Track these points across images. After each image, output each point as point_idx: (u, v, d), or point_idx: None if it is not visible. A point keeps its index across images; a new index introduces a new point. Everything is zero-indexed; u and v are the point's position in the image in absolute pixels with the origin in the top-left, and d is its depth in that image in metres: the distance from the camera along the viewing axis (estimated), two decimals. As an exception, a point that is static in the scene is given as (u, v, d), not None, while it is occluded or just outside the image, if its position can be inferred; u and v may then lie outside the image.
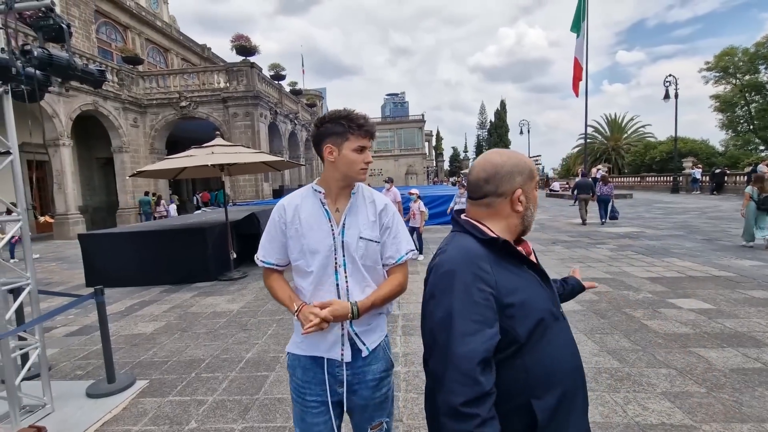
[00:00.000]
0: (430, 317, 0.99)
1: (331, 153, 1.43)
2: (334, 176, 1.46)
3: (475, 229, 1.05)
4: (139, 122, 18.25)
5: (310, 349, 1.47)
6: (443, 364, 0.91)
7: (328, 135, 1.44)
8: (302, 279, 1.49)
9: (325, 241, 1.45)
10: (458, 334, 0.90)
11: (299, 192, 1.55)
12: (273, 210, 1.53)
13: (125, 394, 3.31)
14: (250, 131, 18.29)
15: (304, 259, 1.46)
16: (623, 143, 46.72)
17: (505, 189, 1.07)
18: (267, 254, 1.54)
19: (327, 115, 1.47)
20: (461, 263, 0.97)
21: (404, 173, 50.10)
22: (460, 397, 0.86)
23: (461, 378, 0.87)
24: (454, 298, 0.93)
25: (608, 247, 8.56)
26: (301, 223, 1.46)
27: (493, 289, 0.94)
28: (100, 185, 19.54)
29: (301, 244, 1.45)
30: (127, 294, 6.54)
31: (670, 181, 25.50)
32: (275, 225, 1.50)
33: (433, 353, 0.96)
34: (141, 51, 21.35)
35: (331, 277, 1.45)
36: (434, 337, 0.96)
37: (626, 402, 2.79)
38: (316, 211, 1.47)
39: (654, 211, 15.43)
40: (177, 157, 6.53)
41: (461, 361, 0.88)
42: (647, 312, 4.56)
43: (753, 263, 6.54)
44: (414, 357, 3.70)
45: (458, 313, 0.91)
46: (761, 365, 3.22)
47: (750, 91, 39.42)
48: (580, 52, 25.53)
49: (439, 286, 0.98)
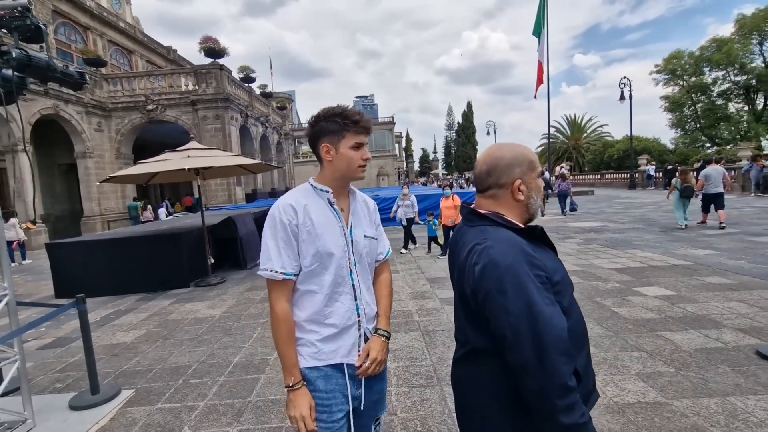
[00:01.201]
0: (505, 314, 0.98)
1: (329, 152, 1.39)
2: (334, 175, 1.42)
3: (506, 220, 1.13)
4: (103, 126, 17.51)
5: (329, 357, 1.39)
6: (538, 351, 0.94)
7: (324, 134, 1.39)
8: (316, 284, 1.39)
9: (339, 242, 1.40)
10: (545, 320, 0.95)
11: (299, 192, 1.44)
12: (274, 213, 1.37)
13: (111, 404, 3.23)
14: (221, 134, 17.92)
15: (320, 263, 1.37)
16: (583, 142, 48.88)
17: (506, 180, 1.14)
18: (286, 263, 1.35)
19: (321, 113, 1.41)
20: (516, 255, 1.01)
21: (376, 175, 50.27)
22: (566, 374, 0.93)
23: (563, 357, 0.94)
24: (527, 288, 0.97)
25: (575, 241, 8.96)
26: (314, 225, 1.37)
27: (545, 272, 1.03)
28: (63, 192, 18.59)
29: (316, 247, 1.36)
30: (100, 304, 6.31)
31: (627, 177, 26.79)
32: (286, 228, 1.35)
33: (522, 346, 0.96)
34: (104, 53, 20.49)
35: (347, 278, 1.42)
36: (518, 331, 0.96)
37: (605, 384, 2.99)
38: (325, 211, 1.41)
39: (615, 206, 16.22)
40: (151, 162, 6.37)
41: (558, 342, 0.94)
42: (616, 300, 4.85)
43: (707, 252, 7.03)
44: (402, 352, 3.79)
45: (537, 301, 0.96)
46: (721, 344, 3.52)
47: (696, 91, 42.18)
48: (543, 55, 26.50)
49: (507, 282, 0.99)
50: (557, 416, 0.93)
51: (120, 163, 17.75)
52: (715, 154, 30.58)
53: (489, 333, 1.05)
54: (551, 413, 0.94)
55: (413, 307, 5.10)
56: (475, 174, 1.21)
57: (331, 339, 1.39)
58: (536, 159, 1.19)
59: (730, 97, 41.64)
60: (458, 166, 65.12)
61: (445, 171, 72.17)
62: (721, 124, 41.68)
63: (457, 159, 68.04)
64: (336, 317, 1.40)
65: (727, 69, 40.15)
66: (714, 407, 2.62)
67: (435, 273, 6.87)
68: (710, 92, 41.79)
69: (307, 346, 1.39)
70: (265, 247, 1.37)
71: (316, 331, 1.38)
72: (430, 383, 3.20)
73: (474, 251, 1.08)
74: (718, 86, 41.54)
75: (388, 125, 53.41)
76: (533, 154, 1.19)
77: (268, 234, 1.38)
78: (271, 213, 1.39)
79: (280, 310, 1.36)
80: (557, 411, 0.93)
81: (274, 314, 1.37)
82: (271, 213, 1.40)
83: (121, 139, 17.96)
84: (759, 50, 39.37)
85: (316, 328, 1.39)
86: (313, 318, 1.39)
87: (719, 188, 9.37)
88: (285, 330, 1.36)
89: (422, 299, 5.43)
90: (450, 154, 73.25)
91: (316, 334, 1.38)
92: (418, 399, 2.99)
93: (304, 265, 1.37)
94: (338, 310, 1.40)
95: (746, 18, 38.60)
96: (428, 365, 3.51)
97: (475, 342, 1.13)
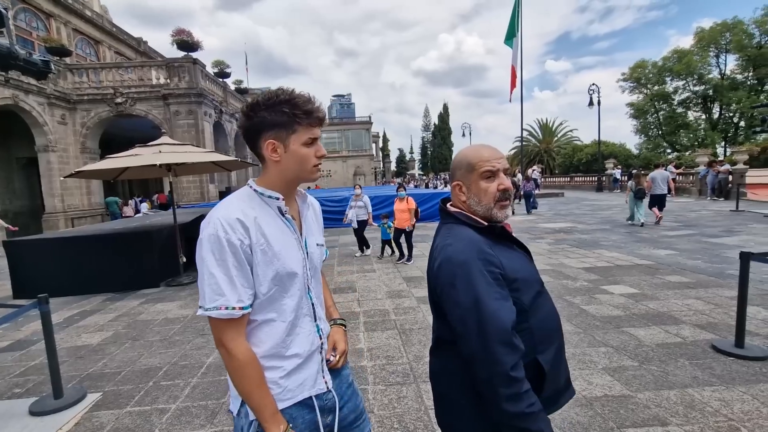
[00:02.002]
0: (455, 306, 1.07)
1: (275, 150, 1.14)
2: (283, 177, 1.18)
3: (469, 219, 1.19)
4: (67, 119, 16.69)
5: (296, 394, 1.18)
6: (482, 342, 1.01)
7: (266, 127, 1.12)
8: (275, 312, 1.15)
9: (299, 258, 1.19)
10: (489, 313, 1.01)
11: (242, 201, 1.15)
12: (217, 233, 1.05)
13: (76, 408, 3.11)
14: (193, 130, 17.42)
15: (280, 286, 1.14)
16: (554, 146, 50.54)
17: (452, 181, 1.26)
18: (243, 294, 1.08)
19: (261, 99, 1.14)
20: (470, 252, 1.08)
21: (352, 174, 50.16)
22: (508, 363, 0.99)
23: (503, 348, 1.00)
24: (476, 283, 1.04)
25: (546, 242, 9.24)
26: (269, 243, 1.12)
27: (500, 269, 1.08)
28: (22, 188, 17.62)
29: (275, 269, 1.12)
30: (63, 304, 6.03)
31: (595, 180, 27.80)
32: (237, 251, 1.06)
33: (469, 337, 1.04)
34: (68, 42, 19.50)
35: (305, 297, 1.22)
36: (465, 323, 1.05)
37: (574, 379, 3.10)
38: (278, 222, 1.17)
39: (583, 208, 16.81)
40: (120, 157, 6.13)
41: (500, 334, 1.00)
42: (585, 298, 5.04)
43: (668, 252, 7.41)
44: (378, 351, 3.81)
45: (483, 296, 1.03)
46: (680, 339, 3.72)
47: (658, 100, 44.50)
48: (516, 60, 27.22)
49: (459, 277, 1.07)
50: (502, 404, 1.00)
51: (85, 158, 16.97)
52: (665, 159, 32.24)
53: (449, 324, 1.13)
54: (497, 401, 1.00)
55: (390, 306, 5.14)
56: None
57: (296, 372, 1.18)
58: (478, 160, 1.18)
59: (689, 105, 44.06)
60: (434, 167, 65.80)
61: (422, 172, 72.80)
62: (680, 131, 44.02)
63: (433, 160, 68.72)
64: (298, 345, 1.18)
65: (686, 79, 42.45)
66: (674, 399, 2.77)
67: (411, 272, 6.93)
68: (671, 101, 44.15)
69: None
70: (210, 279, 1.05)
71: (277, 367, 1.15)
72: (407, 381, 3.24)
73: (437, 248, 1.18)
74: (678, 95, 43.94)
75: (365, 125, 53.38)
76: (477, 156, 1.18)
77: (210, 261, 1.05)
78: (212, 233, 1.06)
79: (242, 353, 1.08)
80: (502, 399, 0.99)
81: (235, 361, 1.07)
82: (210, 233, 1.06)
83: (86, 132, 17.17)
84: (716, 62, 41.78)
85: (278, 363, 1.15)
86: (273, 352, 1.15)
87: (662, 190, 10.83)
88: (255, 375, 1.10)
89: (398, 298, 5.47)
90: (426, 155, 73.90)
91: (279, 371, 1.15)
92: (394, 397, 3.02)
93: (260, 293, 1.12)
94: (300, 337, 1.19)
95: (705, 31, 40.89)
96: (405, 363, 3.55)
97: (439, 332, 1.23)
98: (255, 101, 1.15)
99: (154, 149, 6.19)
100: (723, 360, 3.29)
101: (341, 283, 6.48)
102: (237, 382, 1.10)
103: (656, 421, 2.53)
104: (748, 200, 14.99)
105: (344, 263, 7.97)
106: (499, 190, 1.18)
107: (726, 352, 3.37)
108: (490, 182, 1.18)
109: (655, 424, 2.51)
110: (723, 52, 40.98)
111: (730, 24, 38.89)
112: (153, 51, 28.39)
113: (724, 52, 40.83)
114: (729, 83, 40.06)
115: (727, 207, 13.93)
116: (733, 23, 38.64)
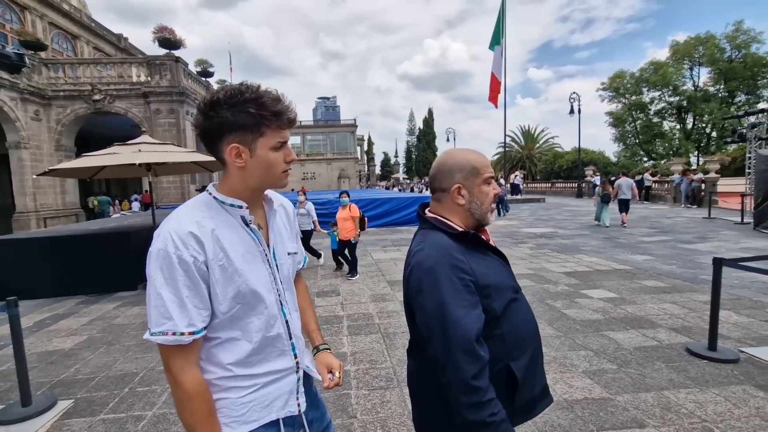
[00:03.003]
0: (421, 311, 1.08)
1: (239, 155, 1.02)
2: (247, 184, 1.07)
3: (443, 224, 1.18)
4: (42, 115, 16.11)
5: (263, 415, 1.07)
6: (445, 348, 1.01)
7: (228, 129, 1.00)
8: (239, 330, 1.04)
9: (263, 274, 1.08)
10: (453, 320, 1.01)
11: (198, 210, 1.03)
12: (167, 248, 0.95)
13: (45, 416, 2.98)
14: (175, 129, 17.07)
15: (244, 305, 1.03)
16: (536, 152, 51.51)
17: (447, 185, 1.20)
18: (194, 316, 0.96)
19: (222, 96, 1.00)
20: (440, 258, 1.08)
21: (337, 177, 50.02)
22: (468, 372, 0.99)
23: (465, 356, 0.99)
24: (442, 289, 1.04)
25: (528, 246, 9.38)
26: (229, 257, 1.00)
27: (470, 276, 1.07)
28: (-10, 186, 16.92)
29: (236, 287, 1.01)
30: (34, 308, 5.79)
31: (575, 187, 28.40)
32: (189, 268, 0.95)
33: (433, 341, 1.04)
34: (44, 36, 18.89)
35: (278, 315, 1.11)
36: (430, 327, 1.05)
37: (555, 382, 3.14)
38: (240, 233, 1.06)
39: (563, 213, 17.16)
40: (97, 155, 5.94)
41: (462, 342, 1.00)
42: (565, 302, 5.12)
43: (644, 257, 7.61)
44: (362, 355, 3.79)
45: (448, 302, 1.02)
46: (657, 343, 3.82)
47: (636, 109, 46.05)
48: (497, 67, 27.86)
49: (426, 281, 1.07)
50: (463, 411, 1.00)
51: (60, 156, 16.41)
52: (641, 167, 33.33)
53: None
54: (457, 408, 1.01)
55: (373, 310, 5.12)
56: (429, 177, 1.30)
57: (263, 393, 1.08)
58: (482, 165, 1.20)
59: (665, 116, 45.67)
60: (419, 170, 66.22)
61: (406, 175, 73.13)
62: (656, 140, 45.55)
63: (417, 164, 69.16)
64: (267, 365, 1.08)
65: (662, 90, 44.02)
66: (651, 401, 2.83)
67: (395, 276, 6.93)
68: (648, 110, 45.71)
69: (229, 409, 1.04)
70: (157, 300, 0.94)
71: (241, 387, 1.05)
72: (390, 385, 3.22)
73: (410, 253, 1.20)
74: (654, 105, 45.53)
75: (350, 127, 53.31)
76: (480, 161, 1.21)
77: (159, 280, 0.94)
78: (160, 248, 0.95)
79: (190, 383, 0.97)
80: (462, 407, 1.00)
81: (181, 391, 0.97)
82: (159, 248, 0.95)
83: (62, 129, 16.62)
84: (690, 74, 43.44)
85: (242, 382, 1.05)
86: (237, 372, 1.05)
87: (626, 195, 12.20)
88: (204, 409, 0.99)
89: (382, 302, 5.46)
90: (411, 159, 74.33)
91: (242, 390, 1.05)
92: (378, 401, 3.00)
93: (219, 312, 1.01)
94: (270, 356, 1.09)
95: (679, 44, 42.51)
96: (388, 367, 3.53)
97: (414, 335, 1.25)
98: (215, 98, 1.01)
99: (133, 148, 6.02)
100: (697, 363, 3.39)
101: (325, 286, 6.42)
102: (182, 414, 0.99)
103: (634, 423, 2.58)
104: (719, 208, 15.55)
105: (328, 266, 7.91)
106: (494, 195, 1.21)
107: (700, 355, 3.47)
108: (489, 187, 1.21)
109: (633, 425, 2.56)
110: (696, 65, 42.65)
111: (703, 38, 40.52)
112: (134, 48, 27.76)
113: (697, 65, 42.50)
114: (702, 95, 41.67)
115: (700, 214, 14.43)
116: (706, 37, 40.28)
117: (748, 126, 15.71)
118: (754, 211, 10.91)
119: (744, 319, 4.36)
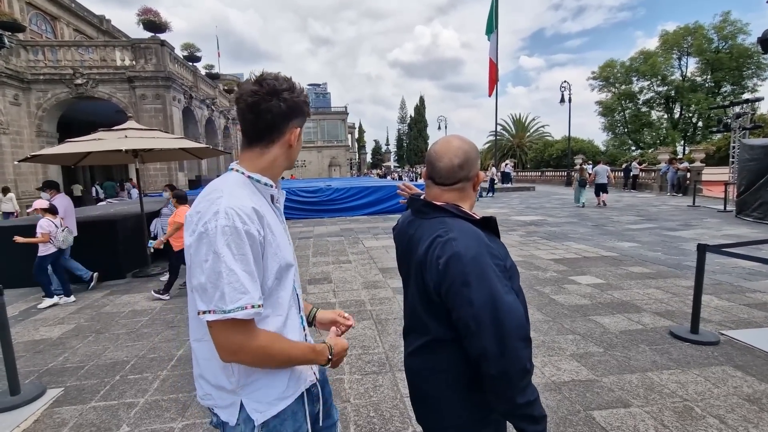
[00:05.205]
0: (468, 305, 1.02)
1: (298, 138, 1.15)
2: (280, 165, 1.15)
3: (463, 212, 1.17)
4: (21, 100, 15.62)
5: (296, 390, 1.14)
6: (500, 339, 0.99)
7: (296, 114, 1.12)
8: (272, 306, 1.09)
9: (292, 248, 1.18)
10: (506, 309, 1.00)
11: (243, 188, 1.06)
12: (235, 223, 0.96)
13: (35, 405, 2.96)
14: (161, 115, 16.71)
15: (279, 279, 1.08)
16: (526, 141, 51.76)
17: (473, 173, 1.20)
18: (260, 290, 1.00)
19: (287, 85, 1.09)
20: (479, 247, 1.05)
21: (327, 165, 49.72)
22: (525, 358, 1.00)
23: (522, 343, 1.00)
24: (491, 279, 1.01)
25: (518, 234, 9.49)
26: (273, 233, 1.06)
27: (501, 260, 1.08)
28: (-32, 173, 16.39)
29: (278, 261, 1.07)
30: (19, 297, 5.71)
31: (564, 175, 28.68)
32: (255, 242, 0.99)
33: (482, 335, 1.00)
34: (21, 16, 18.18)
35: (295, 289, 1.19)
36: (480, 320, 1.00)
37: (543, 365, 3.22)
38: (272, 211, 1.13)
39: (553, 202, 17.35)
40: (82, 141, 5.79)
41: (518, 330, 1.00)
42: (554, 288, 5.22)
43: (631, 244, 7.76)
44: (354, 341, 3.82)
45: (499, 292, 1.01)
46: (641, 327, 3.92)
47: (625, 99, 46.37)
48: (494, 54, 27.60)
49: (473, 274, 1.02)
50: (516, 396, 1.00)
51: (41, 142, 15.98)
52: (629, 156, 33.83)
53: (450, 323, 1.09)
54: (511, 394, 1.01)
55: (365, 297, 5.15)
56: (443, 168, 1.17)
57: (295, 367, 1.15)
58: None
59: (653, 105, 46.12)
60: (410, 159, 66.07)
61: (397, 164, 72.93)
62: (644, 130, 46.05)
63: (408, 152, 68.94)
64: (292, 335, 1.14)
65: (651, 80, 44.33)
66: (635, 382, 2.92)
67: (387, 263, 6.96)
68: (637, 100, 46.06)
69: (267, 389, 1.08)
70: (230, 276, 0.94)
71: None
72: (383, 370, 3.26)
73: (435, 244, 1.09)
74: (643, 95, 45.90)
75: (341, 115, 52.84)
76: None
77: (227, 256, 0.94)
78: (227, 225, 0.95)
79: (263, 337, 1.02)
80: (517, 391, 1.00)
81: (260, 349, 1.00)
82: (225, 225, 0.95)
83: (43, 114, 16.15)
84: (678, 64, 43.80)
85: None
86: None
87: (603, 180, 14.32)
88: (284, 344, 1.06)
89: (374, 288, 5.49)
90: (402, 147, 74.03)
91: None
92: (371, 386, 3.04)
93: (266, 287, 1.04)
94: (292, 330, 1.14)
95: (669, 34, 42.75)
96: (380, 353, 3.57)
97: (437, 332, 1.15)
98: (287, 86, 1.09)
99: (119, 134, 5.89)
100: (679, 345, 3.49)
101: (316, 273, 6.43)
102: (273, 360, 1.05)
103: (620, 403, 2.67)
104: (704, 196, 15.86)
105: (319, 254, 7.90)
106: None
107: (682, 337, 3.58)
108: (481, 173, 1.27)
109: (619, 405, 2.64)
110: (685, 55, 43.04)
111: (692, 28, 40.83)
112: (117, 30, 26.92)
113: (685, 55, 42.89)
114: (689, 85, 42.14)
115: (685, 202, 14.72)
116: (695, 28, 40.59)
117: (732, 116, 15.94)
118: (737, 199, 11.17)
119: (725, 303, 4.50)
